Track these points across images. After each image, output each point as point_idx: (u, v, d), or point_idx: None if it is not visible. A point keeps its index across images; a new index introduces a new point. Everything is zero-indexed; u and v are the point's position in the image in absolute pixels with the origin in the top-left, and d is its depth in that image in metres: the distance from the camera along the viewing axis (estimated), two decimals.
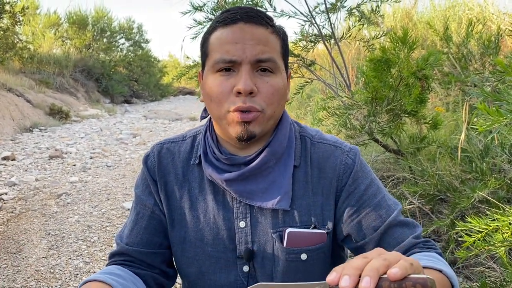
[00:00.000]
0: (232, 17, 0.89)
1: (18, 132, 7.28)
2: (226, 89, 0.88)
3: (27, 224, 3.24)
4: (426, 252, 0.90)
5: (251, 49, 0.86)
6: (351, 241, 0.98)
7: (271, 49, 0.89)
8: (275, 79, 0.89)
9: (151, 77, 17.80)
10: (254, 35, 0.88)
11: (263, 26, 0.89)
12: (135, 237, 1.03)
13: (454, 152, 2.32)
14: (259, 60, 0.87)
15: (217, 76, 0.89)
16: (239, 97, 0.86)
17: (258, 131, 0.89)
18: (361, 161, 0.99)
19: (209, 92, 0.90)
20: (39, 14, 13.69)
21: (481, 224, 1.38)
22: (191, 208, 1.01)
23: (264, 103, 0.88)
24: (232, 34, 0.88)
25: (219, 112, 0.90)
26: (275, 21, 0.95)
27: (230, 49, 0.87)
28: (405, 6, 5.29)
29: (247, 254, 0.96)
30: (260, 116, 0.88)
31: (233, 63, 0.87)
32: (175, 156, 1.04)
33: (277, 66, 0.89)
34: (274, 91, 0.89)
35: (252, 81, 0.86)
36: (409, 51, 2.05)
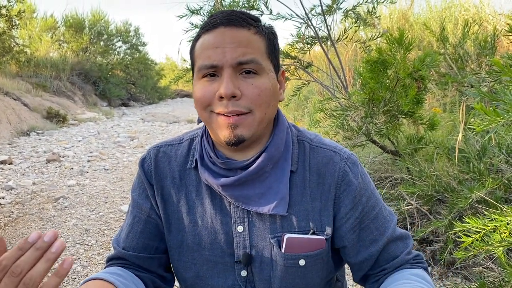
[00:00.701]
0: (213, 22, 0.89)
1: (15, 136, 7.25)
2: (209, 94, 0.88)
3: (24, 228, 3.23)
4: (414, 270, 0.95)
5: (231, 52, 0.86)
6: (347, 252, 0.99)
7: (253, 50, 0.88)
8: (260, 80, 0.88)
9: (149, 80, 17.77)
10: (234, 38, 0.87)
11: (244, 28, 0.89)
12: (131, 242, 1.03)
13: (451, 153, 2.32)
14: (240, 62, 0.86)
15: (202, 82, 0.89)
16: (221, 102, 0.86)
17: (248, 134, 0.89)
18: (362, 172, 1.00)
19: (195, 98, 0.91)
20: (36, 18, 13.66)
21: (479, 225, 1.39)
22: (189, 212, 1.00)
23: (252, 105, 0.87)
24: (213, 39, 0.88)
25: (205, 116, 0.90)
26: (263, 22, 0.95)
27: (211, 54, 0.87)
28: (401, 7, 5.31)
29: (245, 259, 0.96)
30: (249, 119, 0.88)
31: (215, 68, 0.87)
32: (172, 159, 1.03)
33: (261, 67, 0.88)
34: (260, 92, 0.88)
35: (234, 84, 0.86)
36: (405, 52, 2.05)
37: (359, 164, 1.00)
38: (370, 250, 0.97)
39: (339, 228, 0.97)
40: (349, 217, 0.96)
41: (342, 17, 2.84)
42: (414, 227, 2.40)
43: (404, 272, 0.96)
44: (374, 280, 1.00)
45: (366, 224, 0.97)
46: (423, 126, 2.22)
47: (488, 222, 1.38)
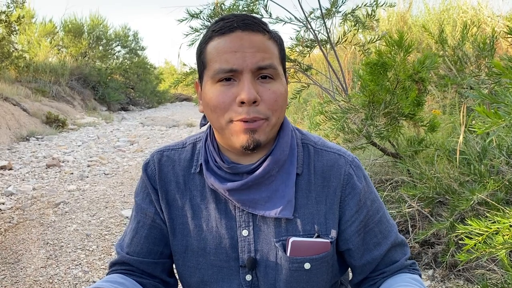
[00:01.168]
0: (229, 25, 0.88)
1: (14, 141, 7.25)
2: (228, 99, 0.86)
3: (25, 234, 3.22)
4: (413, 275, 0.98)
5: (251, 57, 0.86)
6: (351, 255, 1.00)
7: (270, 55, 0.88)
8: (276, 85, 0.89)
9: (148, 84, 17.78)
10: (253, 42, 0.87)
11: (260, 33, 0.89)
12: (136, 246, 1.03)
13: (452, 155, 2.32)
14: (260, 67, 0.86)
15: (217, 87, 0.88)
16: (242, 107, 0.85)
17: (264, 139, 0.89)
18: (364, 175, 1.00)
19: (210, 103, 0.89)
20: (35, 23, 13.68)
21: (481, 227, 1.38)
22: (193, 217, 1.00)
23: (269, 111, 0.87)
24: (230, 43, 0.87)
25: (221, 122, 0.89)
26: (270, 27, 0.95)
27: (230, 59, 0.86)
28: (399, 10, 5.32)
29: (250, 263, 0.96)
30: (265, 124, 0.88)
31: (234, 72, 0.86)
32: (176, 164, 1.03)
33: (277, 72, 0.89)
34: (277, 98, 0.88)
35: (254, 89, 0.85)
36: (405, 54, 2.05)
37: (362, 167, 1.00)
38: (373, 254, 0.98)
39: (344, 231, 0.97)
40: (354, 220, 0.96)
41: (341, 21, 2.85)
42: (416, 229, 2.40)
43: (403, 276, 0.97)
44: (371, 283, 1.00)
45: (371, 228, 0.98)
46: (423, 128, 2.22)
47: (490, 224, 1.38)
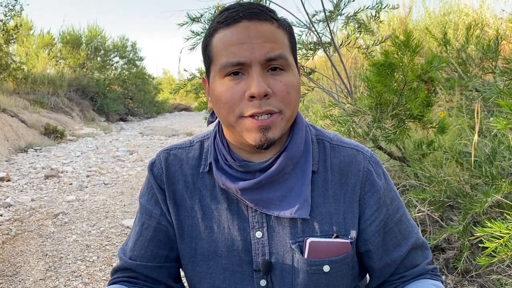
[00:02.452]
0: (234, 15, 0.82)
1: (12, 152, 7.18)
2: (238, 94, 0.81)
3: (23, 245, 3.14)
4: (435, 281, 0.92)
5: (260, 48, 0.80)
6: (370, 256, 0.94)
7: (280, 45, 0.82)
8: (287, 76, 0.83)
9: (146, 94, 17.76)
10: (260, 32, 0.81)
11: (268, 22, 0.83)
12: (139, 250, 0.96)
13: (462, 157, 2.27)
14: (269, 59, 0.80)
15: (225, 81, 0.82)
16: (253, 102, 0.80)
17: (278, 135, 0.83)
18: (383, 172, 0.95)
19: (219, 99, 0.84)
20: (33, 35, 13.68)
21: (502, 229, 1.32)
22: (203, 218, 0.94)
23: (281, 103, 0.82)
24: (237, 34, 0.81)
25: (231, 119, 0.83)
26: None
27: (237, 51, 0.80)
28: (399, 14, 5.31)
29: (264, 267, 0.89)
30: (279, 119, 0.82)
31: (242, 65, 0.80)
32: (184, 162, 0.98)
33: (288, 63, 0.83)
34: (289, 90, 0.82)
35: (265, 82, 0.80)
36: (412, 54, 2.01)
37: (381, 164, 0.95)
38: (393, 255, 0.92)
39: (364, 231, 0.91)
40: (374, 219, 0.90)
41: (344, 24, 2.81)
42: (426, 234, 2.33)
43: (425, 282, 0.91)
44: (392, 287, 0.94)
45: (390, 227, 0.93)
46: (433, 130, 2.17)
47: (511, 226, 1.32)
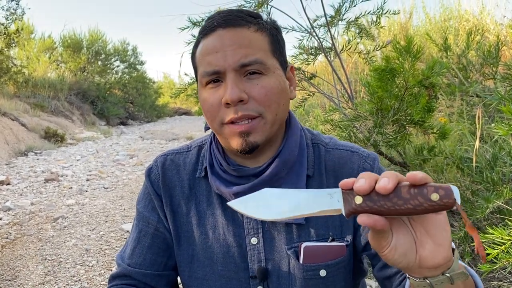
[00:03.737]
0: (210, 24, 0.84)
1: (13, 156, 7.17)
2: (215, 102, 0.83)
3: (22, 249, 3.13)
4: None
5: (232, 55, 0.81)
6: (370, 249, 0.91)
7: (255, 50, 0.83)
8: (266, 79, 0.83)
9: (147, 98, 17.78)
10: (234, 39, 0.82)
11: (243, 27, 0.83)
12: (138, 257, 0.96)
13: (463, 163, 2.26)
14: (243, 64, 0.81)
15: (207, 89, 0.84)
16: (229, 108, 0.81)
17: (261, 139, 0.83)
18: (380, 168, 0.93)
19: (203, 108, 0.86)
20: (34, 39, 13.71)
21: (504, 235, 1.32)
22: (199, 224, 0.93)
23: (260, 107, 0.82)
24: (212, 43, 0.83)
25: (215, 126, 0.86)
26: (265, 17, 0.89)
27: (212, 60, 0.82)
28: (400, 20, 5.31)
29: (260, 274, 0.89)
30: (261, 123, 0.82)
31: (218, 73, 0.82)
32: (180, 168, 0.98)
33: (266, 67, 0.83)
34: (267, 92, 0.82)
35: (239, 88, 0.80)
36: (413, 60, 2.01)
37: (378, 161, 0.94)
38: None
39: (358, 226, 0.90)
40: None
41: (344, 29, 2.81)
42: None
43: None
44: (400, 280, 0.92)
45: None
46: (434, 135, 2.16)
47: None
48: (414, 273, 0.61)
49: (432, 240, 0.58)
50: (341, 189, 0.58)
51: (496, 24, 4.27)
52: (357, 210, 0.56)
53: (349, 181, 0.56)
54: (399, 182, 0.55)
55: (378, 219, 0.55)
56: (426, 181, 0.54)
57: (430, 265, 0.58)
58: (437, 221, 0.57)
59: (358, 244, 0.92)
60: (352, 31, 2.82)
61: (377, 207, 0.55)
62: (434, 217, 0.57)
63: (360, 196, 0.55)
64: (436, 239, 0.57)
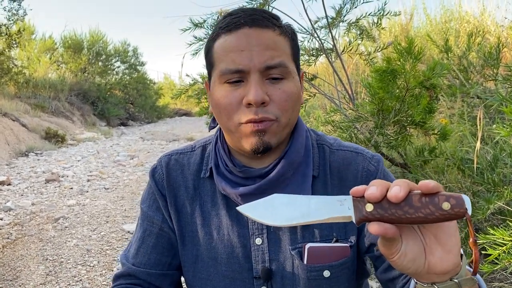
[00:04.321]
0: (236, 21, 0.82)
1: (13, 156, 7.18)
2: (235, 101, 0.81)
3: (23, 249, 3.14)
4: None
5: (259, 56, 0.80)
6: (373, 251, 0.92)
7: (280, 53, 0.82)
8: (287, 84, 0.83)
9: (147, 99, 17.78)
10: (261, 40, 0.81)
11: (269, 29, 0.83)
12: (142, 257, 0.96)
13: (463, 164, 2.26)
14: (268, 66, 0.81)
15: (225, 87, 0.83)
16: (250, 109, 0.80)
17: (274, 141, 0.83)
18: (384, 170, 0.93)
19: (217, 104, 0.84)
20: (34, 39, 13.72)
21: (505, 236, 1.32)
22: (203, 224, 0.94)
23: (278, 111, 0.82)
24: (237, 40, 0.81)
25: (229, 125, 0.84)
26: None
27: (236, 58, 0.81)
28: (400, 21, 5.32)
29: (264, 274, 0.89)
30: (275, 126, 0.82)
31: (241, 72, 0.81)
32: (185, 168, 0.97)
33: (288, 71, 0.83)
34: (287, 98, 0.82)
35: (262, 90, 0.80)
36: (415, 61, 2.01)
37: (382, 163, 0.94)
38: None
39: (362, 227, 0.91)
40: None
41: (345, 30, 2.82)
42: None
43: None
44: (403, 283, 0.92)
45: None
46: (434, 136, 2.17)
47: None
48: (422, 279, 0.61)
49: (442, 247, 0.58)
50: (351, 196, 0.58)
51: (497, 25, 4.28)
52: (367, 218, 0.56)
53: (360, 189, 0.56)
54: (410, 191, 0.55)
55: (389, 227, 0.55)
56: (438, 190, 0.54)
57: (439, 271, 0.58)
58: (447, 228, 0.58)
59: (362, 246, 0.92)
60: (353, 33, 2.83)
61: (388, 215, 0.55)
62: (444, 224, 0.57)
63: (371, 204, 0.56)
64: (446, 246, 0.58)
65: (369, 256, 0.94)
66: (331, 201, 0.58)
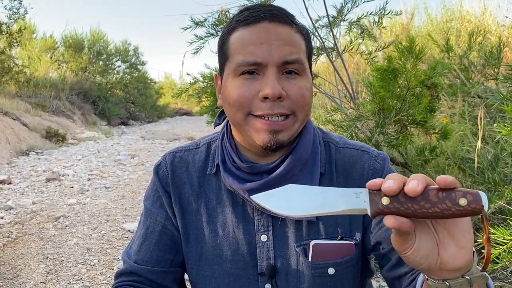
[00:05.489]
0: (255, 15, 0.83)
1: (14, 155, 7.18)
2: (250, 93, 0.81)
3: (24, 248, 3.14)
4: None
5: (278, 50, 0.80)
6: (379, 249, 0.91)
7: (298, 49, 0.83)
8: (302, 81, 0.83)
9: (148, 98, 17.79)
10: (280, 34, 0.81)
11: (288, 25, 0.83)
12: (145, 254, 0.96)
13: (464, 163, 2.26)
14: (286, 61, 0.81)
15: (239, 80, 0.83)
16: (265, 103, 0.80)
17: (287, 138, 0.83)
18: (390, 168, 0.93)
19: (229, 97, 0.84)
20: (35, 38, 13.72)
21: (505, 235, 1.32)
22: (208, 222, 0.93)
23: (295, 106, 0.82)
24: (256, 34, 0.81)
25: (240, 117, 0.83)
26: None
27: (255, 51, 0.80)
28: (401, 21, 5.32)
29: (269, 271, 0.89)
30: (291, 122, 0.82)
31: (258, 65, 0.80)
32: (190, 165, 0.97)
33: (303, 68, 0.83)
34: (303, 94, 0.82)
35: (279, 84, 0.80)
36: (416, 60, 2.01)
37: (388, 161, 0.94)
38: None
39: (367, 226, 0.91)
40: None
41: (347, 29, 2.82)
42: None
43: None
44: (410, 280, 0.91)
45: None
46: (435, 136, 2.16)
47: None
48: (434, 275, 0.60)
49: (455, 243, 0.58)
50: (367, 189, 0.57)
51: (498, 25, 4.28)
52: (383, 211, 0.55)
53: (377, 182, 0.56)
54: (427, 185, 0.55)
55: (404, 221, 0.54)
56: (455, 186, 0.54)
57: (451, 267, 0.58)
58: (460, 224, 0.57)
59: (367, 243, 0.92)
60: (354, 32, 2.83)
61: (404, 209, 0.54)
62: (458, 220, 0.57)
63: (387, 197, 0.55)
64: (459, 242, 0.57)
65: (374, 254, 0.94)
66: (347, 193, 0.58)
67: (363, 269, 0.95)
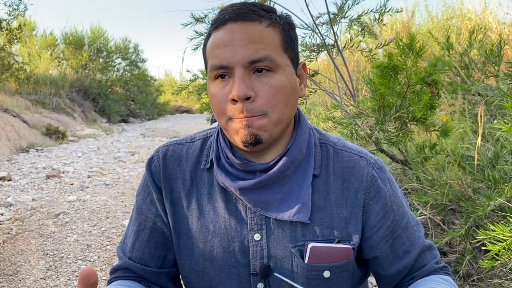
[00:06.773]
0: (222, 17, 0.82)
1: (14, 152, 7.18)
2: (223, 98, 0.81)
3: (24, 245, 3.14)
4: (444, 276, 0.90)
5: (242, 51, 0.79)
6: (378, 263, 0.92)
7: (266, 45, 0.80)
8: (275, 77, 0.81)
9: (148, 96, 17.78)
10: (245, 34, 0.80)
11: (255, 22, 0.81)
12: (138, 251, 0.95)
13: (464, 161, 2.26)
14: (252, 61, 0.79)
15: (215, 84, 0.83)
16: (236, 105, 0.79)
17: (266, 136, 0.82)
18: (388, 178, 0.93)
19: (210, 101, 0.85)
20: (35, 35, 13.72)
21: (505, 232, 1.32)
22: (200, 217, 0.92)
23: (266, 106, 0.80)
24: (222, 36, 0.81)
25: (222, 122, 0.84)
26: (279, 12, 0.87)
27: (220, 54, 0.80)
28: (402, 18, 5.31)
29: (262, 271, 0.88)
30: (265, 121, 0.81)
31: (226, 68, 0.80)
32: (183, 159, 0.96)
33: (276, 64, 0.81)
34: (275, 92, 0.80)
35: (247, 85, 0.79)
36: (416, 57, 2.01)
37: (386, 170, 0.93)
38: (404, 262, 0.91)
39: (370, 238, 0.90)
40: (381, 226, 0.89)
41: (347, 27, 2.81)
42: (428, 238, 2.32)
43: (433, 276, 0.90)
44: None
45: (398, 234, 0.91)
46: (435, 133, 2.16)
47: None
48: None
49: None
50: None
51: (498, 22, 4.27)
52: None
53: None
54: None
55: None
56: None
57: None
58: None
59: (368, 253, 0.92)
60: (354, 29, 2.82)
61: None
62: None
63: None
64: None
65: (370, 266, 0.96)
66: None
67: (359, 272, 0.95)
